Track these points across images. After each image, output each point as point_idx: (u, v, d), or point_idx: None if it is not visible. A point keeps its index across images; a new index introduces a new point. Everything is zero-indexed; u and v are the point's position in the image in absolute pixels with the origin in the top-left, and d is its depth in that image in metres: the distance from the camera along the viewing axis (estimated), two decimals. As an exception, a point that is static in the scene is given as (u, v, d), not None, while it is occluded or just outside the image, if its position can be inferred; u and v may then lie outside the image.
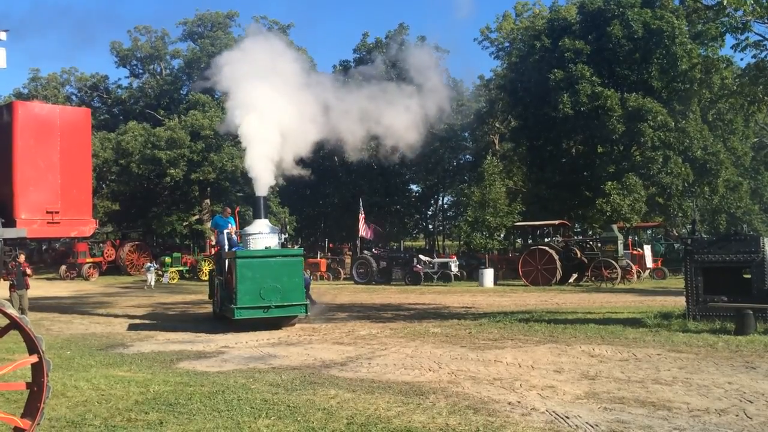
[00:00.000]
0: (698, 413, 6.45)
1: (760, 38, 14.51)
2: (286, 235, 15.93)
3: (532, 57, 38.01)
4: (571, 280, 29.36)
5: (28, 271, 15.61)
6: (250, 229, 15.34)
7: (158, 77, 50.17)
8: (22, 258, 14.94)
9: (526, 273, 28.70)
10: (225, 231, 16.01)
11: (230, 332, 13.42)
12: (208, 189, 45.25)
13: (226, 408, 6.85)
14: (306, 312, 13.85)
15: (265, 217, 15.68)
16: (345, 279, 35.14)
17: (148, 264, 32.79)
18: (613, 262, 27.01)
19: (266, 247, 14.30)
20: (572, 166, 37.98)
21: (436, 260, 33.32)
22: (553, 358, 9.64)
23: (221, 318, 15.33)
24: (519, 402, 7.01)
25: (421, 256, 33.67)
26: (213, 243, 17.99)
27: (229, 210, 17.13)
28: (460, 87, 51.52)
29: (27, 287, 15.28)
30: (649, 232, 41.34)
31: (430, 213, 57.21)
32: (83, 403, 7.18)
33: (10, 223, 5.48)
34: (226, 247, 15.80)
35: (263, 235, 14.95)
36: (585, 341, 11.23)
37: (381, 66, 43.71)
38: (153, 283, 30.71)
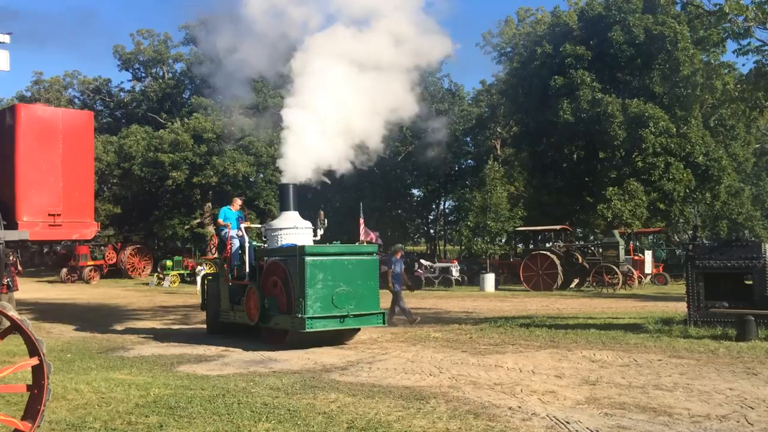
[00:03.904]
0: (699, 419, 6.44)
1: (761, 44, 14.53)
2: (322, 231, 13.83)
3: (533, 62, 38.04)
4: (572, 286, 29.34)
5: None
6: (278, 222, 13.37)
7: (161, 81, 50.31)
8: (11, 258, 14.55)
9: (528, 278, 28.68)
10: (243, 225, 13.60)
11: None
12: (210, 193, 45.32)
13: (227, 412, 6.85)
14: (383, 322, 11.89)
15: (295, 209, 13.51)
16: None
17: (199, 267, 30.84)
18: (615, 267, 26.99)
19: (335, 242, 12.41)
20: (574, 172, 37.99)
21: (438, 265, 33.31)
22: (554, 363, 9.63)
23: (218, 332, 13.70)
24: (519, 407, 7.00)
25: (422, 261, 33.65)
26: (215, 242, 14.77)
27: (238, 201, 14.49)
28: (461, 92, 51.66)
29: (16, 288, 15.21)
30: (650, 237, 41.29)
31: (431, 217, 57.18)
32: (83, 405, 7.18)
33: (12, 225, 5.49)
34: (247, 244, 13.19)
35: (298, 230, 12.99)
36: (586, 346, 11.22)
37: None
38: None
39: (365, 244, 35.34)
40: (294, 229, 12.98)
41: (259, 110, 42.69)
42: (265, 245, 13.50)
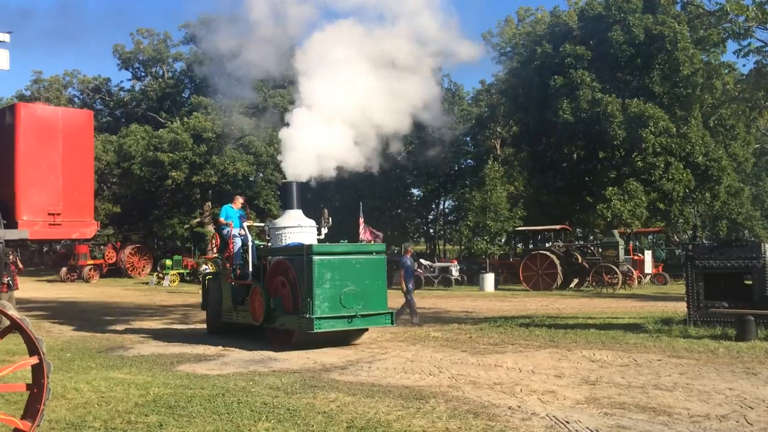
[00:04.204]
0: (699, 419, 6.44)
1: (762, 44, 14.54)
2: (326, 230, 13.52)
3: (533, 62, 38.06)
4: (572, 285, 29.34)
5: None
6: (281, 221, 13.08)
7: (160, 80, 50.29)
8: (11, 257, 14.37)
9: (527, 278, 28.69)
10: (246, 224, 13.40)
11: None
12: (210, 192, 45.32)
13: (226, 411, 6.85)
14: (392, 322, 11.71)
15: (299, 208, 13.22)
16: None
17: (204, 266, 29.93)
18: (614, 267, 26.99)
19: (342, 242, 12.21)
20: (573, 172, 38.00)
21: (437, 264, 33.31)
22: (553, 363, 9.63)
23: (219, 332, 13.47)
24: (519, 407, 7.00)
25: (422, 260, 33.63)
26: (218, 241, 14.15)
27: (240, 199, 14.19)
28: (461, 92, 51.64)
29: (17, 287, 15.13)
30: (650, 237, 41.30)
31: (431, 217, 57.20)
32: (83, 405, 7.18)
33: (12, 224, 5.48)
34: (250, 243, 13.03)
35: (302, 228, 12.71)
36: (586, 346, 11.22)
37: None
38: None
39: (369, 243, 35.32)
40: (298, 228, 12.73)
41: (259, 110, 42.65)
42: (269, 244, 13.27)
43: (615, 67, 36.14)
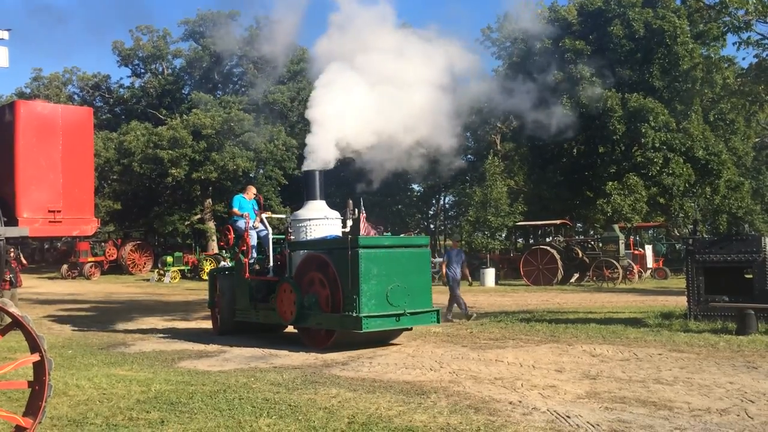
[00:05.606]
0: (699, 413, 6.45)
1: (762, 37, 14.53)
2: (351, 222, 12.18)
3: (532, 57, 38.00)
4: (572, 280, 29.36)
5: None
6: (304, 213, 12.18)
7: (160, 77, 50.23)
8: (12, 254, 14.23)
9: (528, 273, 28.70)
10: (264, 215, 12.78)
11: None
12: (210, 188, 45.33)
13: (228, 407, 6.86)
14: (438, 320, 11.05)
15: (322, 198, 12.43)
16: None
17: (222, 262, 28.67)
18: (615, 262, 27.00)
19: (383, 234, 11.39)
20: (573, 166, 37.97)
21: (438, 260, 33.29)
22: (554, 358, 9.64)
23: (232, 333, 12.77)
24: (520, 401, 7.01)
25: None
26: (231, 235, 12.88)
27: (253, 189, 13.39)
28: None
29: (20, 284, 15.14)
30: (650, 232, 41.31)
31: (431, 213, 57.21)
32: (85, 401, 7.19)
33: (12, 221, 5.49)
34: (270, 234, 12.41)
35: (328, 220, 11.97)
36: (586, 341, 11.23)
37: None
38: None
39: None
40: (324, 220, 11.97)
41: (259, 105, 42.58)
42: (291, 237, 12.31)
43: (615, 62, 36.09)
